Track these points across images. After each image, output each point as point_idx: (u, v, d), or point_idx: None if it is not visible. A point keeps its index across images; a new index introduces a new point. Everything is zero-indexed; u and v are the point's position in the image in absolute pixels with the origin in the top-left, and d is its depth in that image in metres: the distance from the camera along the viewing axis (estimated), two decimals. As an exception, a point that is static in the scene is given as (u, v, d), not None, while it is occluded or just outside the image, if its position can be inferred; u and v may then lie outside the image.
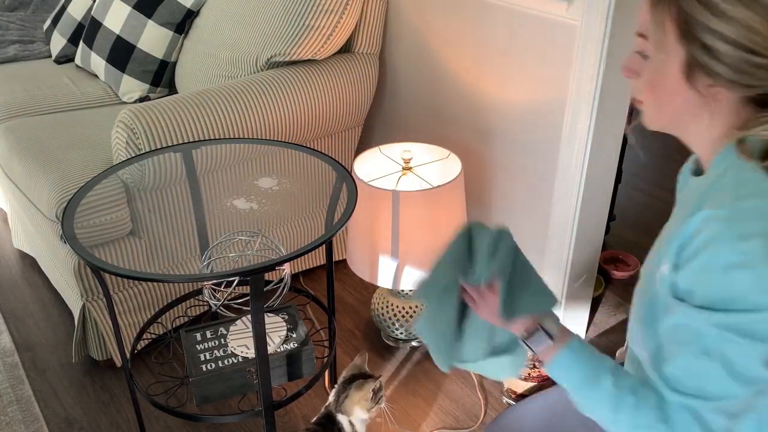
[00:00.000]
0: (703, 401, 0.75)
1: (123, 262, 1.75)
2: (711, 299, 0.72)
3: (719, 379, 0.74)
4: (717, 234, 0.71)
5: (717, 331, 0.72)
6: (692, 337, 0.74)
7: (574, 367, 0.89)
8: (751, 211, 0.71)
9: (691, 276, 0.74)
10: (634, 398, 0.82)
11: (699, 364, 0.74)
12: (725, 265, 0.71)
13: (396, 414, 1.72)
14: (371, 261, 1.72)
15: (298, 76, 1.86)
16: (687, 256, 0.75)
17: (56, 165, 1.78)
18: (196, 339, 1.53)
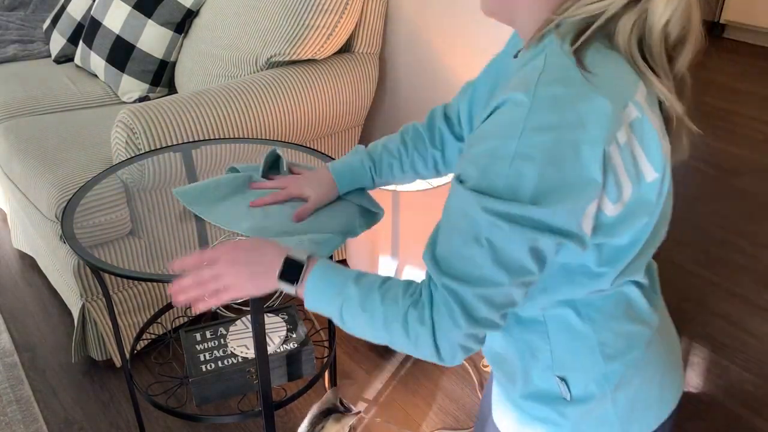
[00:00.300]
0: (468, 286, 0.73)
1: (123, 262, 1.74)
2: (490, 186, 0.70)
3: (485, 265, 0.72)
4: (511, 121, 0.68)
5: (489, 218, 0.70)
6: (465, 221, 0.72)
7: (320, 291, 0.85)
8: (550, 100, 0.67)
9: (477, 158, 0.71)
10: (380, 293, 0.80)
11: (468, 249, 0.72)
12: (513, 154, 0.68)
13: (396, 414, 1.72)
14: (371, 261, 1.71)
15: (298, 76, 1.85)
16: (478, 134, 0.73)
17: (56, 165, 1.77)
18: (196, 339, 1.53)
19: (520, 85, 0.70)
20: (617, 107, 0.69)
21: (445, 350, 0.77)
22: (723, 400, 1.76)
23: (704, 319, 2.06)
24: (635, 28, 0.72)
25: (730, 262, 2.32)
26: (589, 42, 0.71)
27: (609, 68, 0.71)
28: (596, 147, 0.67)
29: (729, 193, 2.76)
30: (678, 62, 0.75)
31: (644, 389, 0.87)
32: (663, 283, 2.27)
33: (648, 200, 0.76)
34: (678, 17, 0.71)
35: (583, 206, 0.70)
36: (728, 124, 3.41)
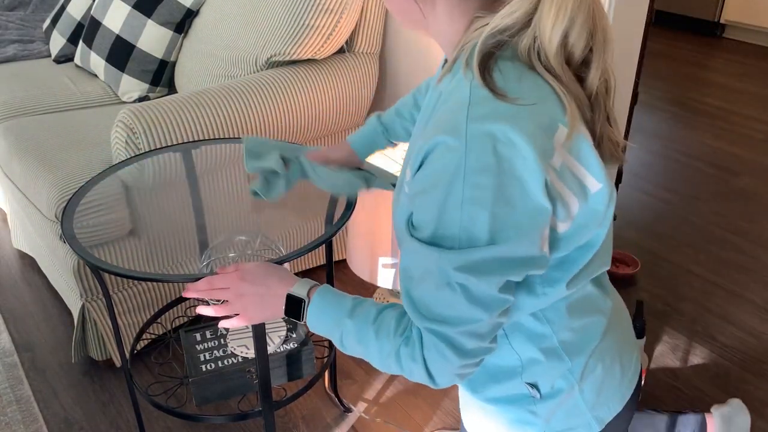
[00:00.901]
0: (449, 326, 0.74)
1: (122, 262, 1.74)
2: (446, 235, 0.70)
3: (462, 307, 0.73)
4: (450, 167, 0.68)
5: (454, 273, 0.70)
6: (433, 269, 0.72)
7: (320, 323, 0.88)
8: (483, 139, 0.67)
9: (426, 210, 0.71)
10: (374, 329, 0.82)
11: (441, 294, 0.73)
12: (461, 201, 0.68)
13: (396, 414, 1.72)
14: (371, 261, 1.71)
15: (298, 76, 1.85)
16: (420, 184, 0.72)
17: (56, 165, 1.77)
18: (196, 339, 1.53)
19: (447, 125, 0.69)
20: (546, 134, 0.69)
21: (441, 380, 0.80)
22: (723, 400, 1.76)
23: (704, 318, 2.06)
24: (532, 50, 0.71)
25: (730, 262, 2.32)
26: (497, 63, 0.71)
27: (528, 90, 0.70)
28: (537, 177, 0.68)
29: (729, 193, 2.76)
30: (588, 81, 0.73)
31: (607, 375, 0.90)
32: (663, 283, 2.27)
33: (597, 210, 0.77)
34: (576, 36, 0.69)
35: (539, 233, 0.71)
36: (728, 124, 3.41)
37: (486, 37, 0.71)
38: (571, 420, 0.89)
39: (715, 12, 4.61)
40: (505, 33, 0.70)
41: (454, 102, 0.70)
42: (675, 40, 4.66)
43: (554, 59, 0.70)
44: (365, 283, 2.15)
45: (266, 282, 0.92)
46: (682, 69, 4.15)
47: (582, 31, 0.69)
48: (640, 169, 2.94)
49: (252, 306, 0.93)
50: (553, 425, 0.89)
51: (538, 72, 0.71)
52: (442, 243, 0.71)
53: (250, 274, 0.93)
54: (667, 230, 2.50)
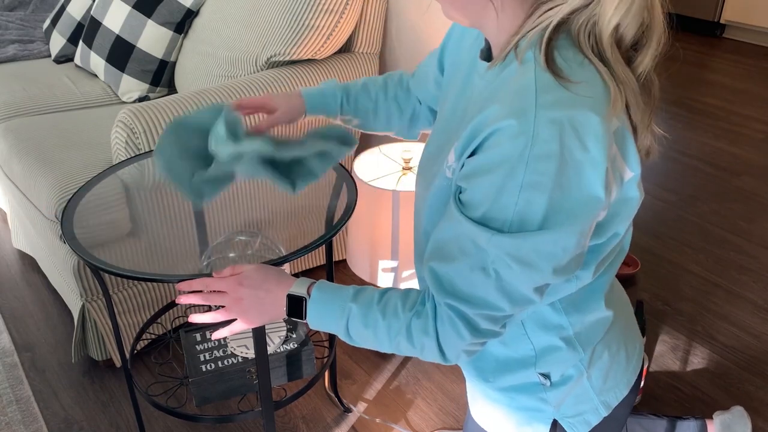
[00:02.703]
0: (471, 306, 0.75)
1: (122, 262, 1.74)
2: (499, 218, 0.69)
3: (489, 292, 0.73)
4: (514, 152, 0.67)
5: (497, 253, 0.70)
6: (473, 248, 0.72)
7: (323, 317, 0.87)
8: (550, 125, 0.66)
9: (482, 191, 0.70)
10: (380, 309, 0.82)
11: (473, 276, 0.73)
12: (520, 186, 0.67)
13: (396, 414, 1.72)
14: (371, 261, 1.71)
15: (298, 76, 1.85)
16: (478, 165, 0.70)
17: (56, 165, 1.77)
18: (196, 339, 1.53)
19: (513, 109, 0.68)
20: (606, 122, 0.69)
21: (451, 355, 0.80)
22: (723, 401, 1.76)
23: (704, 318, 2.06)
24: (584, 32, 0.71)
25: (730, 262, 2.32)
26: (556, 49, 0.71)
27: (587, 76, 0.70)
28: (599, 167, 0.68)
29: (729, 193, 2.76)
30: (637, 63, 0.73)
31: (613, 361, 0.92)
32: (663, 283, 2.27)
33: (629, 198, 0.78)
34: (631, 19, 0.70)
35: (589, 223, 0.71)
36: (728, 124, 3.41)
37: (561, 18, 0.70)
38: (580, 405, 0.91)
39: (715, 12, 4.61)
40: (571, 14, 0.70)
41: (519, 87, 0.69)
42: (675, 40, 4.66)
43: (606, 41, 0.70)
44: (365, 283, 2.15)
45: (264, 285, 0.92)
46: (682, 69, 4.15)
47: (637, 15, 0.70)
48: (641, 169, 2.94)
49: (251, 310, 0.93)
50: (563, 411, 0.91)
51: (588, 58, 0.71)
52: (492, 224, 0.70)
53: (248, 279, 0.93)
54: (667, 230, 2.50)
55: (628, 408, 0.96)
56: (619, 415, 0.94)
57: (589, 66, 0.70)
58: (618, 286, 0.99)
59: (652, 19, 0.72)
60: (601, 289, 0.87)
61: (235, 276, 0.94)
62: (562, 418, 0.91)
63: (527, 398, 0.91)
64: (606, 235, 0.78)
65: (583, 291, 0.85)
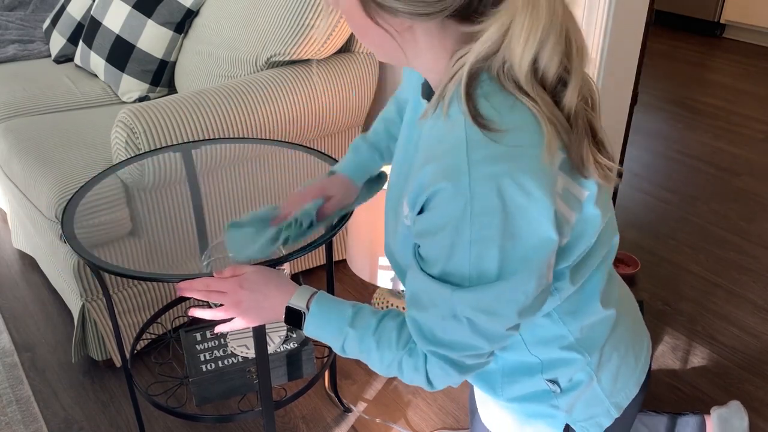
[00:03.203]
0: (453, 351, 0.77)
1: (123, 262, 1.74)
2: (456, 273, 0.71)
3: (466, 336, 0.75)
4: (456, 212, 0.67)
5: (461, 306, 0.72)
6: (440, 300, 0.73)
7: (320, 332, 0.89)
8: (487, 182, 0.66)
9: (435, 251, 0.71)
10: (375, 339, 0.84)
11: (447, 324, 0.75)
12: (469, 242, 0.68)
13: (396, 414, 1.72)
14: (371, 261, 1.71)
15: (298, 76, 1.85)
16: (426, 226, 0.71)
17: (56, 165, 1.77)
18: (196, 339, 1.53)
19: (447, 170, 0.68)
20: (545, 162, 0.68)
21: (440, 387, 0.83)
22: (723, 400, 1.76)
23: (704, 319, 2.06)
24: (502, 73, 0.70)
25: (730, 262, 2.32)
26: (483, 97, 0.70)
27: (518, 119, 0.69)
28: (545, 209, 0.68)
29: (729, 193, 2.76)
30: (564, 102, 0.71)
31: (622, 363, 0.92)
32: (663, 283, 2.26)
33: (590, 216, 0.77)
34: (548, 56, 0.68)
35: (546, 263, 0.71)
36: (728, 124, 3.41)
37: (470, 67, 0.69)
38: (592, 409, 0.91)
39: (715, 12, 4.61)
40: (485, 61, 0.70)
41: (450, 143, 0.69)
42: (675, 40, 4.66)
43: (525, 82, 0.69)
44: (365, 283, 2.15)
45: (264, 290, 0.93)
46: (682, 69, 4.15)
47: (553, 53, 0.68)
48: (640, 169, 2.93)
49: (250, 312, 0.94)
50: (575, 416, 0.91)
51: (517, 98, 0.70)
52: (452, 280, 0.71)
53: (248, 281, 0.94)
54: (667, 230, 2.50)
55: (637, 407, 0.96)
56: (629, 414, 0.95)
57: (521, 106, 0.70)
58: (620, 283, 0.98)
59: (576, 50, 0.70)
60: (595, 291, 0.87)
61: (236, 278, 0.94)
62: (574, 422, 0.91)
63: (538, 405, 0.91)
64: (571, 258, 0.78)
65: (577, 297, 0.85)
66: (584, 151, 0.73)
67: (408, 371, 0.82)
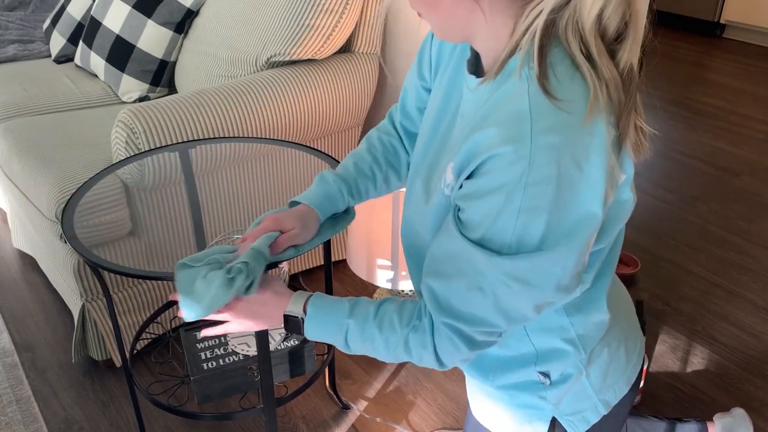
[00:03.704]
0: (468, 324, 0.76)
1: (123, 262, 1.74)
2: (497, 240, 0.70)
3: (487, 311, 0.74)
4: (512, 178, 0.67)
5: (496, 274, 0.71)
6: (470, 269, 0.73)
7: (320, 333, 0.89)
8: (547, 151, 0.66)
9: (480, 214, 0.70)
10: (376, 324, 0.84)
11: (470, 295, 0.74)
12: (518, 210, 0.68)
13: (396, 414, 1.72)
14: (370, 261, 1.71)
15: (298, 76, 1.85)
16: (476, 189, 0.70)
17: (56, 165, 1.77)
18: (196, 338, 1.53)
19: (510, 134, 0.67)
20: (604, 135, 0.69)
21: (448, 363, 0.83)
22: (723, 400, 1.76)
23: (704, 318, 2.06)
24: (570, 27, 0.70)
25: (729, 262, 2.32)
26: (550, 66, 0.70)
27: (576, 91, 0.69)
28: (596, 185, 0.68)
29: (729, 193, 2.76)
30: (620, 56, 0.72)
31: (613, 359, 0.92)
32: (663, 283, 2.27)
33: (624, 201, 0.78)
34: (612, 10, 0.69)
35: (587, 240, 0.71)
36: (728, 124, 3.41)
37: (546, 17, 0.69)
38: (579, 404, 0.91)
39: (715, 12, 4.61)
40: (557, 12, 0.69)
41: (514, 112, 0.69)
42: (675, 40, 4.66)
43: (589, 32, 0.69)
44: (365, 282, 2.15)
45: (260, 299, 0.94)
46: (682, 69, 4.15)
47: (619, 5, 0.69)
48: (640, 169, 2.93)
49: (248, 321, 0.95)
50: (562, 409, 0.91)
51: (577, 65, 0.70)
52: (490, 246, 0.71)
53: (249, 305, 0.94)
54: (667, 230, 2.50)
55: (627, 406, 0.97)
56: (619, 413, 0.95)
57: (579, 78, 0.70)
58: (618, 283, 0.99)
59: (633, 12, 0.72)
60: (603, 289, 0.88)
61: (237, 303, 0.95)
62: (561, 415, 0.91)
63: (527, 396, 0.91)
64: (605, 241, 0.78)
65: (587, 294, 0.85)
66: (627, 112, 0.73)
67: (416, 349, 0.81)
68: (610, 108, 0.71)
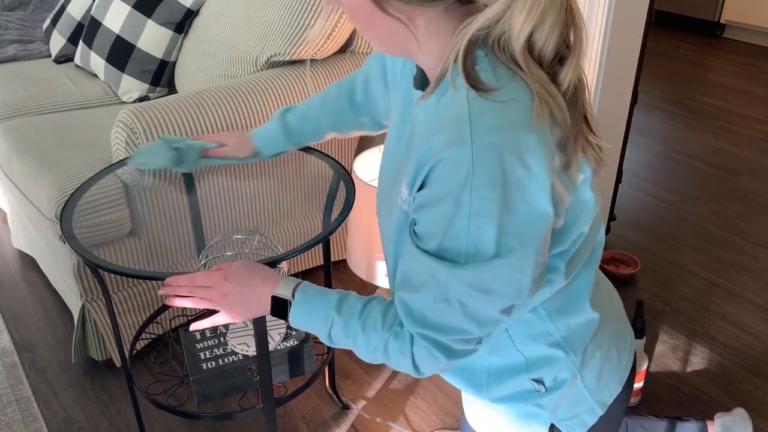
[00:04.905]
0: (442, 334, 0.76)
1: (123, 262, 1.74)
2: (453, 248, 0.70)
3: (457, 319, 0.74)
4: (458, 182, 0.67)
5: (458, 285, 0.71)
6: (432, 282, 0.73)
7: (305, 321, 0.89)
8: (489, 151, 0.66)
9: (433, 223, 0.71)
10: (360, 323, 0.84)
11: (438, 306, 0.74)
12: (468, 213, 0.68)
13: (396, 414, 1.72)
14: (370, 261, 1.71)
15: (298, 76, 1.85)
16: (426, 198, 0.71)
17: (55, 165, 1.77)
18: (196, 338, 1.53)
19: (451, 138, 0.68)
20: (544, 136, 0.69)
21: (426, 372, 0.82)
22: (723, 400, 1.76)
23: (704, 319, 2.05)
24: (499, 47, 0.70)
25: (729, 262, 2.32)
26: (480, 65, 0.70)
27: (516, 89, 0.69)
28: (543, 183, 0.68)
29: (729, 193, 2.76)
30: (562, 77, 0.72)
31: (605, 360, 0.92)
32: (663, 283, 2.27)
33: (585, 200, 0.78)
34: (547, 32, 0.68)
35: (542, 240, 0.71)
36: (728, 124, 3.41)
37: (471, 36, 0.70)
38: (576, 407, 0.91)
39: (715, 12, 4.61)
40: (486, 30, 0.70)
41: (454, 115, 0.69)
42: (675, 40, 4.66)
43: (520, 55, 0.69)
44: (365, 282, 2.15)
45: (250, 282, 0.93)
46: (682, 69, 4.15)
47: (553, 29, 0.68)
48: (640, 169, 2.93)
49: (236, 305, 0.94)
50: (559, 415, 0.91)
51: (513, 70, 0.70)
52: (448, 256, 0.71)
53: (234, 274, 0.94)
54: (667, 230, 2.50)
55: (623, 404, 0.97)
56: (615, 412, 0.95)
57: (519, 78, 0.70)
58: (605, 283, 0.99)
59: (574, 32, 0.71)
60: (585, 290, 0.87)
61: (221, 271, 0.94)
62: (559, 421, 0.91)
63: (523, 405, 0.91)
64: (568, 242, 0.78)
65: (567, 296, 0.85)
66: (575, 132, 0.73)
67: (394, 354, 0.81)
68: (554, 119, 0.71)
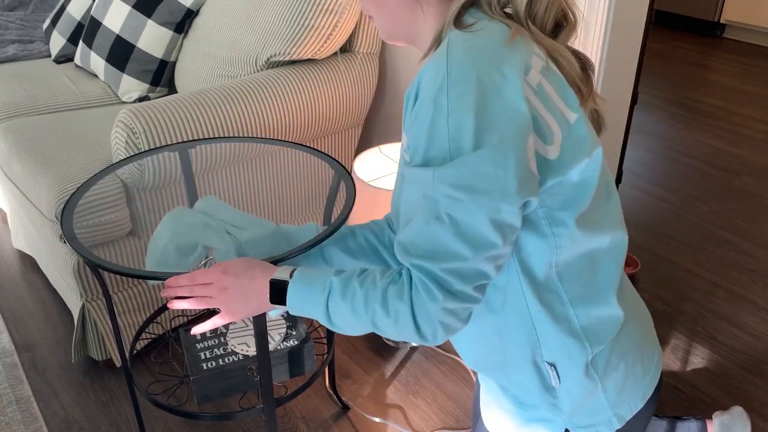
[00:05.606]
0: (434, 261, 0.76)
1: (123, 262, 1.74)
2: (437, 150, 0.74)
3: (449, 240, 0.75)
4: (435, 85, 0.74)
5: (443, 190, 0.74)
6: (424, 202, 0.76)
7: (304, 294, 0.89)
8: (463, 54, 0.75)
9: (417, 131, 0.77)
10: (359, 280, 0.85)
11: (430, 228, 0.76)
12: (446, 111, 0.73)
13: (396, 414, 1.72)
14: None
15: (298, 76, 1.85)
16: (413, 117, 0.78)
17: (55, 165, 1.77)
18: (196, 338, 1.53)
19: (431, 61, 0.77)
20: (522, 54, 0.76)
21: (426, 327, 0.80)
22: (723, 400, 1.76)
23: (704, 319, 2.05)
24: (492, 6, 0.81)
25: (730, 262, 2.32)
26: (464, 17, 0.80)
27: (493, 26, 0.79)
28: (515, 85, 0.74)
29: (729, 193, 2.76)
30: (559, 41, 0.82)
31: (629, 373, 0.91)
32: (663, 283, 2.27)
33: (581, 137, 0.80)
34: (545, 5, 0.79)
35: (523, 140, 0.73)
36: (728, 124, 3.41)
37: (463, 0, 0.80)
38: (593, 417, 0.91)
39: (715, 12, 4.61)
40: None
41: (439, 51, 0.78)
42: (675, 40, 4.66)
43: (523, 18, 0.80)
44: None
45: (249, 273, 0.93)
46: (682, 69, 4.15)
47: (552, 6, 0.79)
48: (640, 169, 2.93)
49: (236, 299, 0.93)
50: (575, 421, 0.91)
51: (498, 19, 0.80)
52: (434, 162, 0.75)
53: (233, 268, 0.94)
54: (667, 230, 2.50)
55: (643, 421, 0.95)
56: (633, 428, 0.94)
57: (499, 22, 0.79)
58: (634, 294, 0.98)
59: (569, 12, 0.81)
60: (610, 281, 0.87)
61: (219, 265, 0.95)
62: (574, 427, 0.91)
63: (540, 411, 0.91)
64: (565, 173, 0.79)
65: (590, 284, 0.85)
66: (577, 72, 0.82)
67: (392, 301, 0.80)
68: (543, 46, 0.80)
